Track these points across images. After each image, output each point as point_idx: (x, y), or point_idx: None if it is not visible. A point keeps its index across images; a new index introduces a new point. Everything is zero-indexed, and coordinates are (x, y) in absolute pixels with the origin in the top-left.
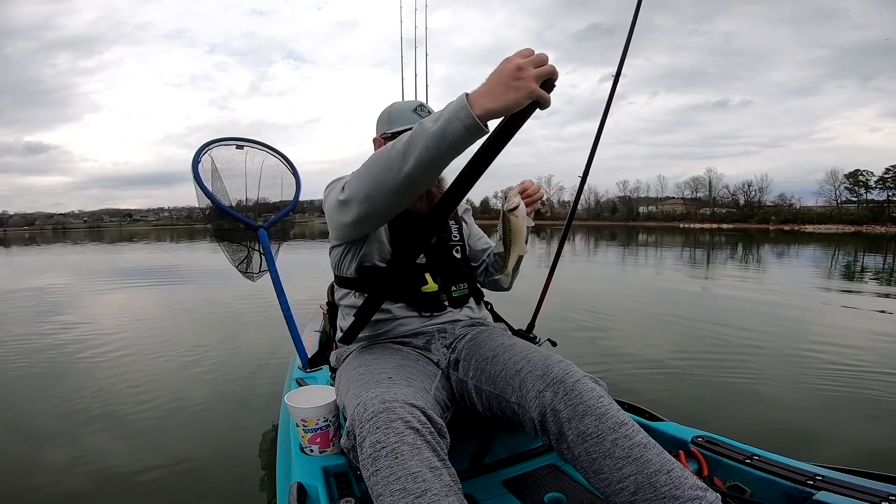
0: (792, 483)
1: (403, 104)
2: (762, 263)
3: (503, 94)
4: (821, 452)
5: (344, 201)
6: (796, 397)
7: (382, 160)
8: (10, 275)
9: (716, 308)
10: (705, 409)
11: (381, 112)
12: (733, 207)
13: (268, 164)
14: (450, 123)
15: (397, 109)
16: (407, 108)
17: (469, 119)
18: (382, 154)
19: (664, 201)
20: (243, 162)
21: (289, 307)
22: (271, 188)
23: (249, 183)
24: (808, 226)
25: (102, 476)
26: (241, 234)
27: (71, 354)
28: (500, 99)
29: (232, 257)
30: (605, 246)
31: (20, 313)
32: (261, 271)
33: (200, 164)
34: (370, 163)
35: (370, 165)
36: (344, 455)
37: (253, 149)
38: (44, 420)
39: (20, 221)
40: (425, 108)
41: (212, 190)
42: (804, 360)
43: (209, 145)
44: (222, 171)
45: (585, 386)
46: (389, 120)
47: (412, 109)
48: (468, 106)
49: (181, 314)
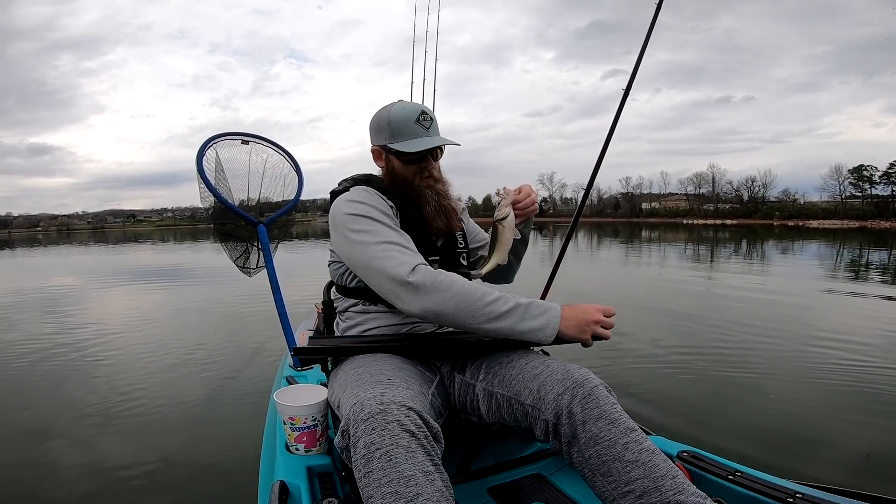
0: (772, 500)
1: (403, 112)
2: (766, 259)
3: (577, 332)
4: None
5: (415, 288)
6: (797, 402)
7: (471, 308)
8: (19, 276)
9: (713, 307)
10: (694, 418)
11: (379, 116)
12: (737, 203)
13: (271, 160)
14: (540, 331)
15: (398, 120)
16: (409, 118)
17: (551, 337)
18: (474, 299)
19: (667, 197)
20: (247, 158)
21: (283, 305)
22: (274, 185)
23: (252, 179)
24: (813, 221)
25: (85, 472)
26: (241, 230)
27: (56, 354)
28: (573, 333)
29: (230, 251)
30: (608, 243)
31: (23, 313)
32: (258, 267)
33: (205, 157)
34: (461, 297)
35: (461, 300)
36: (329, 455)
37: (258, 145)
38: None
39: (24, 223)
40: (427, 116)
41: (215, 185)
42: (808, 360)
43: (214, 139)
44: (226, 167)
45: (601, 392)
46: (391, 131)
47: (414, 120)
48: (558, 327)
49: (176, 313)
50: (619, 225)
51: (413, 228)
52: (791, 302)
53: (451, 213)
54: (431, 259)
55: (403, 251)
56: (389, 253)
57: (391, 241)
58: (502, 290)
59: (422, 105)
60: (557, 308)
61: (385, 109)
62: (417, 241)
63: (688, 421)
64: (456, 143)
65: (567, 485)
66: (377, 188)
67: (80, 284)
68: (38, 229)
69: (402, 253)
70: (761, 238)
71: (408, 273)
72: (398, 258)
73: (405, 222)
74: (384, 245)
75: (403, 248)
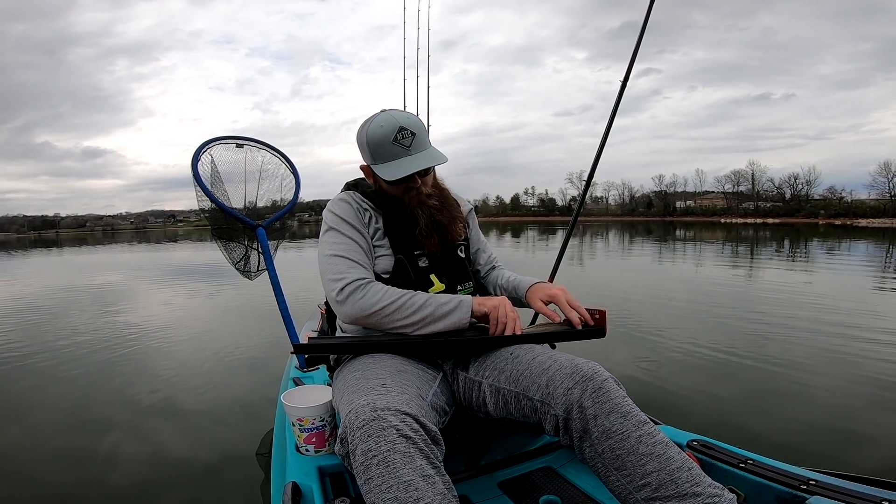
0: (785, 487)
1: (380, 131)
2: (810, 259)
3: (484, 306)
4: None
5: (339, 302)
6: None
7: (394, 309)
8: (72, 273)
9: (735, 299)
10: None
11: (359, 136)
12: (778, 201)
13: (267, 163)
14: (458, 310)
15: (375, 142)
16: (385, 138)
17: (467, 311)
18: (394, 301)
19: (703, 196)
20: (243, 161)
21: (287, 306)
22: (271, 188)
23: (249, 182)
24: (861, 220)
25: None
26: (239, 233)
27: (52, 353)
28: (481, 307)
29: (230, 256)
30: (640, 242)
31: (70, 308)
32: (259, 270)
33: (200, 162)
34: (384, 303)
35: (384, 305)
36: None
37: (253, 148)
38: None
39: (72, 223)
40: (406, 134)
41: (211, 188)
42: (855, 355)
43: (208, 144)
44: (222, 170)
45: (612, 385)
46: (370, 153)
47: (391, 140)
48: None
49: (189, 311)
50: (651, 224)
51: (403, 240)
52: (821, 292)
53: (448, 226)
54: (418, 253)
55: (346, 263)
56: (333, 266)
57: (338, 255)
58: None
59: (400, 119)
60: (468, 296)
61: (363, 127)
62: (408, 256)
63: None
64: (440, 160)
65: (577, 477)
66: (363, 192)
67: (113, 282)
68: (84, 229)
69: (344, 265)
70: (805, 236)
71: (340, 285)
72: (336, 271)
73: (389, 227)
74: (333, 258)
75: (347, 261)
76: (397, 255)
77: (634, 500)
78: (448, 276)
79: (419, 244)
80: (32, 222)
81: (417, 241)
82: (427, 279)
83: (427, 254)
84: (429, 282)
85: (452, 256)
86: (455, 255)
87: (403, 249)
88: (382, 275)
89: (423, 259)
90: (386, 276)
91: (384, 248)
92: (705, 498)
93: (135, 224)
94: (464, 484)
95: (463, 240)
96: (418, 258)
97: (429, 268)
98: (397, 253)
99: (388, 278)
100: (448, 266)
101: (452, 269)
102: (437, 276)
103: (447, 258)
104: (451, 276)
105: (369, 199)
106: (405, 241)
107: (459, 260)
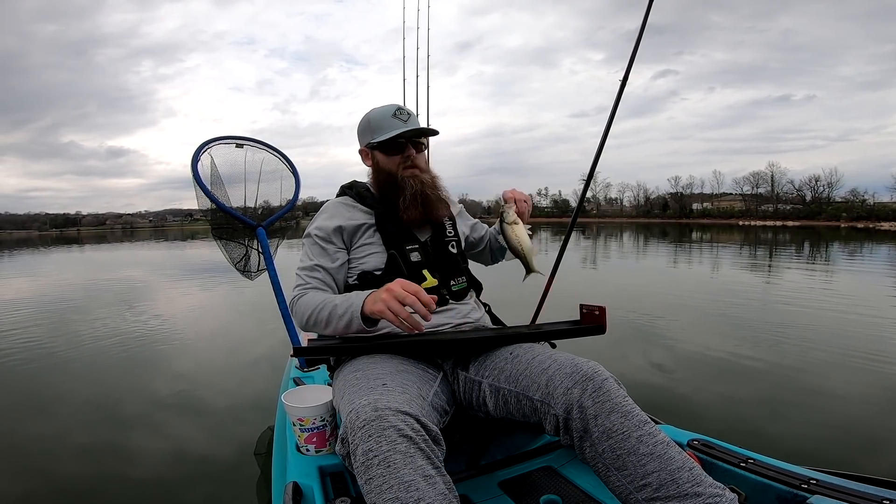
0: (786, 487)
1: (381, 110)
2: (831, 262)
3: (372, 303)
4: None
5: (293, 310)
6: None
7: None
8: (95, 269)
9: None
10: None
11: (361, 121)
12: (799, 203)
13: (267, 163)
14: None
15: (377, 118)
16: (386, 114)
17: (359, 302)
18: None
19: (720, 198)
20: (243, 161)
21: (287, 306)
22: (270, 188)
23: (249, 182)
24: (885, 223)
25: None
26: (239, 233)
27: (51, 353)
28: (371, 304)
29: (230, 256)
30: (655, 244)
31: (89, 303)
32: (259, 270)
33: (200, 162)
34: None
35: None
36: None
37: (253, 148)
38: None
39: (92, 221)
40: (403, 111)
41: (211, 188)
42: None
43: (208, 144)
44: (222, 170)
45: (612, 385)
46: (372, 129)
47: (391, 115)
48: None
49: (192, 311)
50: (667, 226)
51: (391, 221)
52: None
53: (434, 203)
54: (410, 248)
55: (308, 276)
56: (299, 277)
57: (305, 267)
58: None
59: (399, 103)
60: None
61: (365, 115)
62: (397, 232)
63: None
64: (433, 131)
65: (578, 476)
66: (356, 194)
67: (135, 277)
68: (104, 227)
69: (305, 277)
70: (826, 239)
71: (294, 296)
72: (297, 282)
73: (381, 218)
74: (302, 270)
75: (309, 274)
76: (389, 250)
77: (635, 499)
78: (440, 271)
79: (411, 238)
80: (55, 220)
81: (409, 236)
82: (420, 274)
83: (419, 248)
84: (421, 277)
85: (444, 252)
86: (447, 250)
87: (396, 244)
88: (374, 272)
89: (415, 254)
90: (378, 272)
91: (376, 244)
92: (706, 498)
93: (153, 222)
94: (464, 484)
95: (453, 236)
96: (410, 252)
97: (421, 262)
98: (389, 248)
99: (380, 275)
100: (441, 262)
101: (445, 264)
102: (429, 271)
103: (439, 253)
104: (444, 271)
105: (362, 199)
106: (397, 236)
107: (452, 255)
